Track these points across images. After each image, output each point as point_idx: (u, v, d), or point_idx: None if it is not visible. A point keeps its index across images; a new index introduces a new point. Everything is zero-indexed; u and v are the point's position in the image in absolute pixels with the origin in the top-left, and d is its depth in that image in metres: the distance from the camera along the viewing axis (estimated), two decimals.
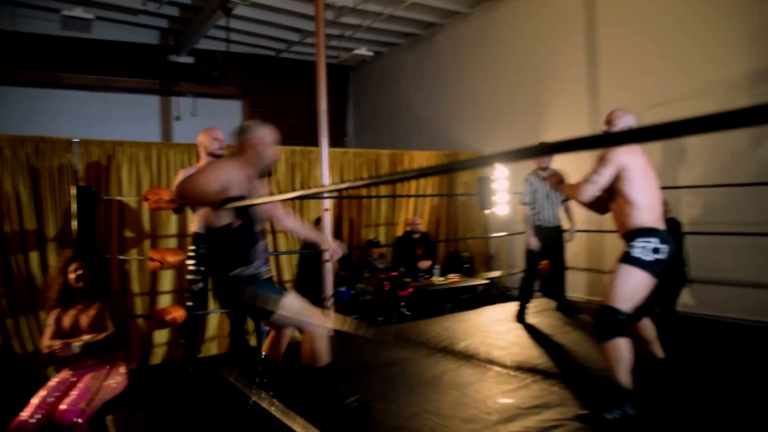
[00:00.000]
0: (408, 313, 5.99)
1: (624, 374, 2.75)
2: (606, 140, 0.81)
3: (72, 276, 3.32)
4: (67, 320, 3.30)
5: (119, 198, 5.24)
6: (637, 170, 2.91)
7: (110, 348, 3.35)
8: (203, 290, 3.98)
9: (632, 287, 2.83)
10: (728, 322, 4.88)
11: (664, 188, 4.85)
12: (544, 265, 5.23)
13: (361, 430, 2.73)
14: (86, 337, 3.26)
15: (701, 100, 5.36)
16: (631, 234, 2.90)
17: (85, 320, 3.30)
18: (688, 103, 5.48)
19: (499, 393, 3.21)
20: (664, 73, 5.66)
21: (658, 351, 3.22)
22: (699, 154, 5.43)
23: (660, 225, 2.93)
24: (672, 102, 5.59)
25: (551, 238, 5.07)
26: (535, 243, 4.99)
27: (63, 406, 2.95)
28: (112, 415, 3.01)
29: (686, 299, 5.28)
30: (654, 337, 3.20)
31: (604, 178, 2.91)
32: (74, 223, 3.78)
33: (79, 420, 2.91)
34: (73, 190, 3.78)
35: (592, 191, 2.95)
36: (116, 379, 3.26)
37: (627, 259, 2.85)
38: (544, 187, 5.01)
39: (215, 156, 4.07)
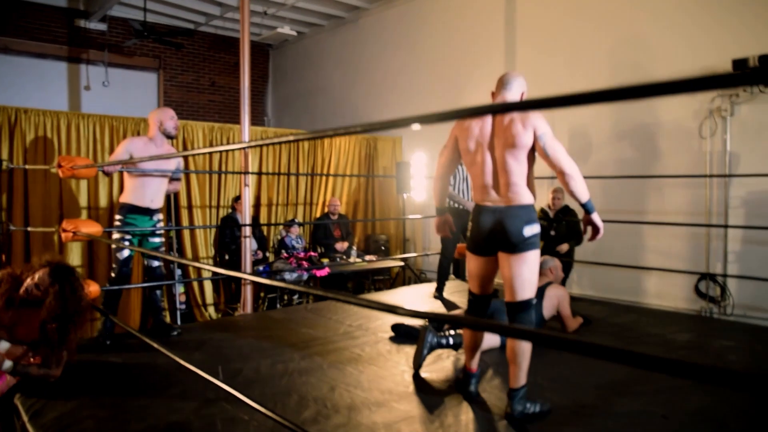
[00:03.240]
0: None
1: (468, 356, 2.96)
2: (521, 106, 0.94)
3: (30, 283, 2.86)
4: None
5: (26, 166, 4.97)
6: (467, 144, 2.77)
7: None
8: (128, 260, 3.92)
9: (468, 267, 2.92)
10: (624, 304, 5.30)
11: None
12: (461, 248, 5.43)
13: (282, 401, 2.81)
14: (26, 363, 2.88)
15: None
16: None
17: (22, 330, 3.04)
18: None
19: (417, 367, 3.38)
20: (577, 63, 6.04)
21: (516, 376, 2.75)
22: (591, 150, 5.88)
23: (480, 201, 2.78)
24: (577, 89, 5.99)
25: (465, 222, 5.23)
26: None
27: None
28: (20, 393, 2.91)
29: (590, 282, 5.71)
30: (514, 359, 2.74)
31: (443, 150, 2.96)
32: None
33: None
34: None
35: (439, 160, 2.99)
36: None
37: None
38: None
39: (169, 136, 4.06)
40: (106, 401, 2.82)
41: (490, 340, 3.53)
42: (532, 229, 2.65)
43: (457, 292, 5.51)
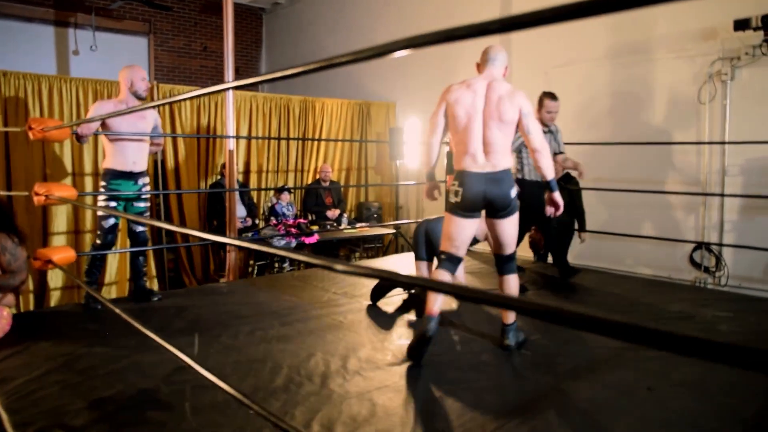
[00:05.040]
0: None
1: (430, 299, 2.95)
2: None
3: None
4: None
5: (3, 129, 4.86)
6: (457, 111, 2.96)
7: (5, 290, 3.19)
8: (114, 227, 3.84)
9: (450, 230, 3.04)
10: (619, 274, 5.23)
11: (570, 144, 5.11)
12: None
13: (255, 368, 2.76)
14: None
15: (603, 62, 5.63)
16: None
17: None
18: (592, 65, 5.72)
19: (397, 336, 3.32)
20: (571, 35, 5.84)
21: (507, 314, 3.15)
22: (603, 117, 5.73)
23: (469, 167, 2.95)
24: (577, 63, 5.82)
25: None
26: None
27: None
28: None
29: (584, 252, 5.58)
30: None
31: (434, 116, 3.09)
32: None
33: None
34: None
35: (430, 125, 3.12)
36: None
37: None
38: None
39: (139, 97, 3.88)
40: (78, 367, 2.77)
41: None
42: (514, 191, 3.02)
43: None
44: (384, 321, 3.60)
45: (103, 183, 3.85)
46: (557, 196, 3.06)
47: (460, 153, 2.98)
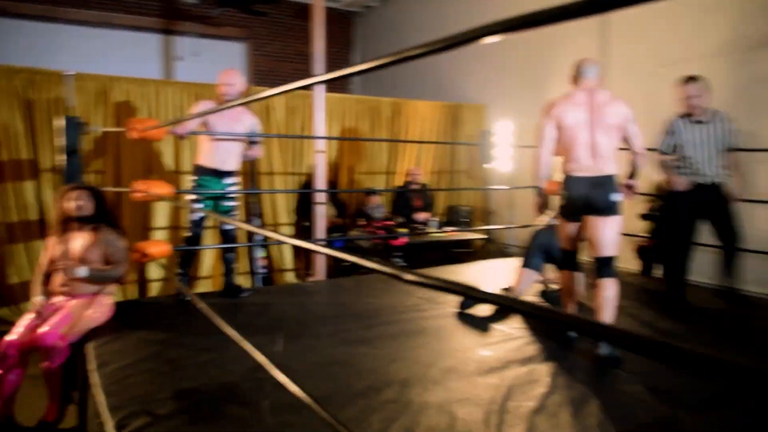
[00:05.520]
0: (403, 263, 5.98)
1: (571, 300, 3.36)
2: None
3: (70, 205, 3.32)
4: (61, 247, 3.31)
5: (108, 129, 5.17)
6: (565, 122, 3.17)
7: (110, 280, 3.39)
8: (201, 221, 4.00)
9: (562, 230, 3.35)
10: None
11: None
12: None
13: (334, 371, 2.74)
14: (95, 266, 3.30)
15: (717, 59, 5.18)
16: None
17: (78, 248, 3.30)
18: (704, 62, 5.29)
19: (480, 346, 3.20)
20: (681, 29, 5.44)
21: (603, 319, 3.13)
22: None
23: (574, 172, 3.18)
24: (687, 60, 5.40)
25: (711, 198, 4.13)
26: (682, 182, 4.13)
27: (44, 329, 2.98)
28: (93, 342, 3.03)
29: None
30: (604, 304, 3.12)
31: (542, 130, 3.26)
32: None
33: (58, 343, 2.95)
34: (61, 121, 3.73)
35: (539, 140, 3.27)
36: (100, 309, 3.28)
37: None
38: (696, 134, 4.11)
39: (226, 101, 3.98)
40: (168, 357, 2.88)
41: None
42: (618, 196, 3.14)
43: None
44: (469, 330, 3.49)
45: (193, 178, 4.04)
46: (635, 182, 3.33)
47: (566, 160, 3.20)
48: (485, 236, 6.99)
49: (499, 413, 2.38)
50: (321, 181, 4.91)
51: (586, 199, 3.13)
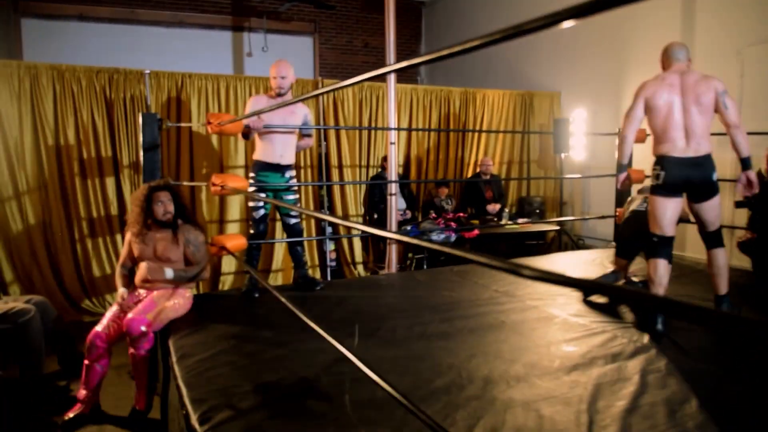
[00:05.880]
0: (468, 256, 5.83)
1: (659, 290, 3.19)
2: None
3: (159, 208, 3.36)
4: (144, 247, 3.37)
5: (188, 124, 5.29)
6: (657, 102, 3.16)
7: (193, 279, 3.43)
8: (264, 218, 3.99)
9: (656, 212, 3.24)
10: None
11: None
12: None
13: (415, 366, 2.66)
14: (178, 266, 3.37)
15: None
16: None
17: (160, 248, 3.35)
18: None
19: (564, 341, 3.05)
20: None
21: (720, 286, 3.33)
22: None
23: (670, 152, 3.15)
24: None
25: None
26: None
27: (130, 315, 3.06)
28: (174, 334, 3.08)
29: None
30: (718, 272, 3.32)
31: (632, 110, 3.25)
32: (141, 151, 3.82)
33: (145, 329, 3.01)
34: (140, 118, 3.81)
35: (628, 120, 3.28)
36: (179, 301, 3.33)
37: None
38: None
39: (278, 94, 3.95)
40: (245, 350, 2.87)
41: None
42: (716, 175, 3.17)
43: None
44: (550, 324, 3.33)
45: (252, 174, 3.99)
46: (752, 174, 3.16)
47: (660, 140, 3.19)
48: (558, 228, 6.74)
49: (588, 413, 2.24)
50: (393, 173, 4.83)
51: (686, 179, 3.14)
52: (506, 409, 2.24)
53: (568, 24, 0.82)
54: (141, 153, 3.78)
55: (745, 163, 3.13)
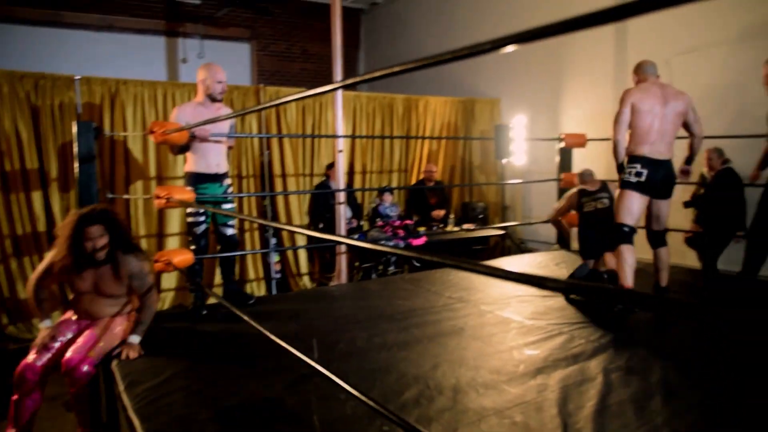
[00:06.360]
0: (417, 264, 5.81)
1: (629, 273, 3.45)
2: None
3: (90, 245, 2.91)
4: (80, 282, 3.00)
5: (124, 134, 5.01)
6: (642, 107, 3.52)
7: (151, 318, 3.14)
8: (205, 232, 3.78)
9: (630, 206, 3.54)
10: None
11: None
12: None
13: (381, 379, 2.58)
14: (126, 307, 3.11)
15: (732, 47, 5.03)
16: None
17: (101, 285, 3.01)
18: (719, 50, 5.14)
19: (524, 345, 3.05)
20: (696, 18, 5.28)
21: (663, 279, 3.79)
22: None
23: (651, 154, 3.51)
24: (702, 49, 5.26)
25: None
26: None
27: (69, 354, 2.79)
28: (117, 360, 2.86)
29: None
30: (663, 267, 3.79)
31: (621, 115, 3.56)
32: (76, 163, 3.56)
33: (86, 368, 2.76)
34: (74, 127, 3.55)
35: (618, 124, 3.57)
36: (122, 326, 3.08)
37: (621, 183, 3.64)
38: None
39: (214, 99, 3.74)
40: (199, 373, 2.70)
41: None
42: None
43: (562, 262, 5.06)
44: (507, 329, 3.33)
45: (189, 188, 3.68)
46: (690, 168, 3.88)
47: (642, 141, 3.52)
48: (502, 232, 6.84)
49: (560, 416, 2.22)
50: (342, 182, 4.74)
51: (662, 178, 3.54)
52: (480, 419, 2.19)
53: (510, 49, 0.82)
54: (75, 164, 3.51)
55: (690, 161, 3.82)
